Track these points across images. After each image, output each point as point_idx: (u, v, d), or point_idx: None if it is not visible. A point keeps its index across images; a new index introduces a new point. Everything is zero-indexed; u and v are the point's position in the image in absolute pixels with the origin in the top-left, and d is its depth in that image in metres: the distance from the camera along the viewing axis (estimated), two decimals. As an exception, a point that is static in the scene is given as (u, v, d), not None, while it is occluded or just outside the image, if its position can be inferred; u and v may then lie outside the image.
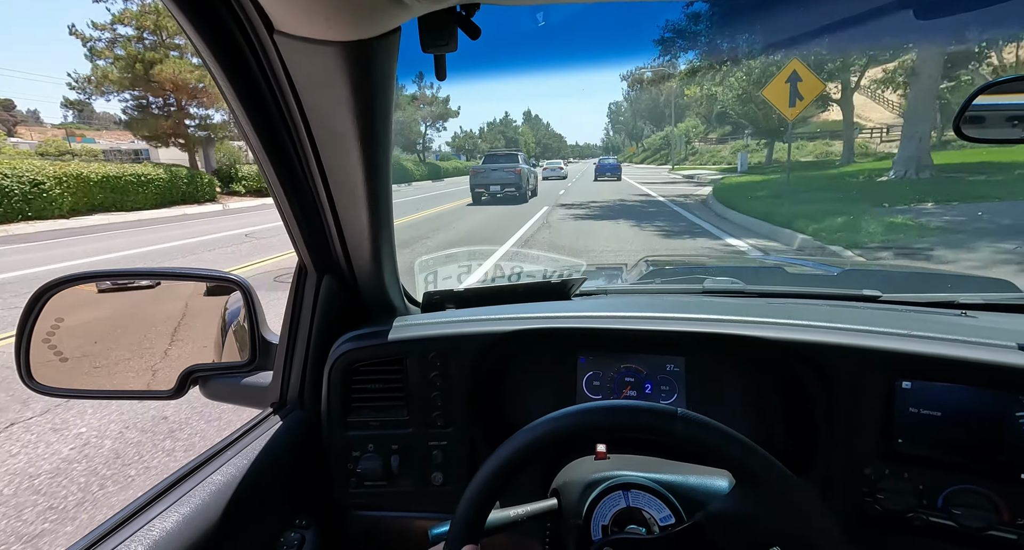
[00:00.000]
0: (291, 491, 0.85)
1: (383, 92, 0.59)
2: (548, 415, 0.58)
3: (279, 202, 0.77)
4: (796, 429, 0.86)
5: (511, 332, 0.91)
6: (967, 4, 0.65)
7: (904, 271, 2.22)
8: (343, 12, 0.44)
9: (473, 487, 0.56)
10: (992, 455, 0.72)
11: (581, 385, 0.96)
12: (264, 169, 0.72)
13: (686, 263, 2.12)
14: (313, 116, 0.63)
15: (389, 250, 0.90)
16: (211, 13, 0.53)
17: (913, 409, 0.76)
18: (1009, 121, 0.76)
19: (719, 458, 0.55)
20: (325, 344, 0.93)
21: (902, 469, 0.76)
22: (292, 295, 0.93)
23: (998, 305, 1.02)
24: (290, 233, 0.84)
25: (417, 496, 0.92)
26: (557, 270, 1.46)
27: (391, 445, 0.92)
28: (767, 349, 0.85)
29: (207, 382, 0.98)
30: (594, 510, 0.71)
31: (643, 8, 14.03)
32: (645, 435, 0.56)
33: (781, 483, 0.52)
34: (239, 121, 0.64)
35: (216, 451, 0.78)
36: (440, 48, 0.64)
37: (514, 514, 0.68)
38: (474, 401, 0.93)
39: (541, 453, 0.56)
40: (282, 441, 0.85)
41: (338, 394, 0.91)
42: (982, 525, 0.71)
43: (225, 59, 0.56)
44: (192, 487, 0.69)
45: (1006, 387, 0.71)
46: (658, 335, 0.91)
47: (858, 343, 0.79)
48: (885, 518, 0.77)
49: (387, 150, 0.69)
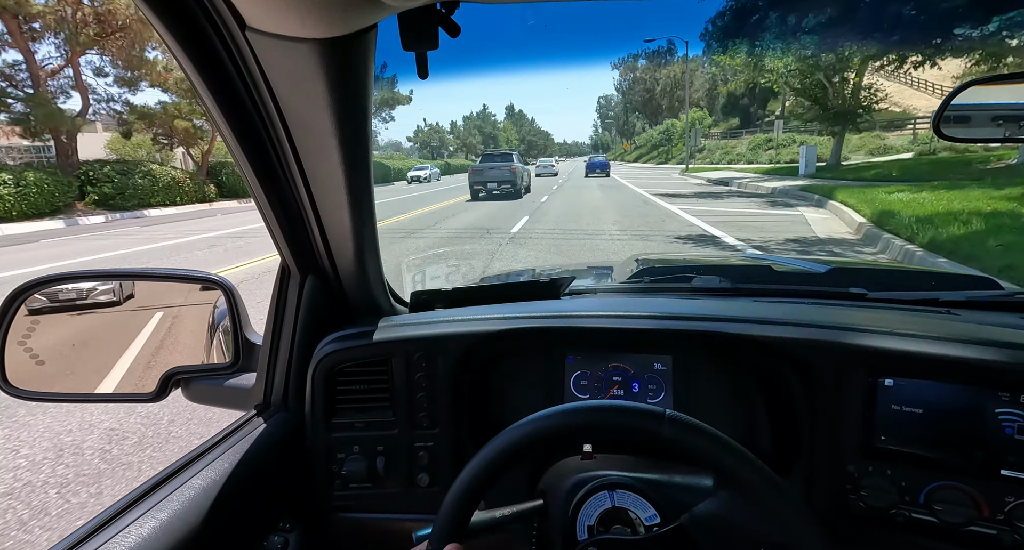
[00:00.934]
0: (274, 494, 0.84)
1: (361, 90, 0.58)
2: (533, 415, 0.57)
3: (260, 203, 0.76)
4: (781, 427, 0.86)
5: (497, 332, 0.91)
6: None
7: (890, 269, 2.23)
8: (316, 9, 0.43)
9: (457, 486, 0.56)
10: (972, 451, 0.72)
11: (569, 384, 0.96)
12: (243, 169, 0.71)
13: (676, 262, 2.12)
14: (291, 115, 0.62)
15: (372, 249, 0.89)
16: (180, 10, 0.51)
17: (896, 407, 0.76)
18: (994, 120, 0.76)
19: (704, 461, 0.55)
20: (309, 345, 0.92)
21: (885, 466, 0.77)
22: (275, 296, 0.92)
23: (980, 302, 1.03)
24: (272, 234, 0.83)
25: (403, 498, 0.91)
26: (546, 269, 1.46)
27: (376, 447, 0.91)
28: (752, 348, 0.85)
29: (189, 384, 0.96)
30: (580, 510, 0.71)
31: (634, 4, 13.34)
32: (631, 436, 0.55)
33: (765, 486, 0.52)
34: (216, 121, 0.63)
35: (197, 454, 0.77)
36: (421, 46, 0.63)
37: (500, 515, 0.67)
38: (460, 402, 0.92)
39: (526, 453, 0.55)
40: (265, 443, 0.84)
41: (322, 395, 0.90)
42: (963, 521, 0.72)
43: (197, 57, 0.55)
44: (171, 491, 0.68)
45: (986, 384, 0.72)
46: (645, 334, 0.91)
47: (841, 341, 0.79)
48: (868, 515, 0.78)
49: (367, 149, 0.68)
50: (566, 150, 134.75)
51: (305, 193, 0.75)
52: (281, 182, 0.74)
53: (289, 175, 0.73)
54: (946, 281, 1.55)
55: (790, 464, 0.83)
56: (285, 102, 0.60)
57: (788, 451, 0.84)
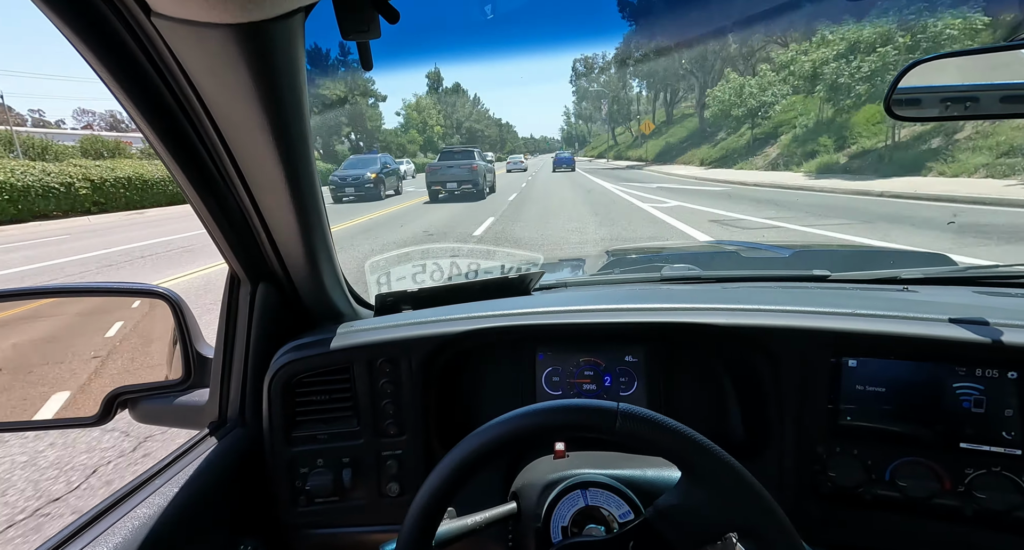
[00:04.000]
0: (233, 515, 0.80)
1: (290, 80, 0.54)
2: (486, 424, 0.55)
3: (197, 208, 0.71)
4: (752, 412, 0.87)
5: (463, 332, 0.88)
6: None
7: (850, 250, 2.31)
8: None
9: (417, 503, 0.54)
10: (933, 426, 0.74)
11: (540, 381, 0.94)
12: (174, 172, 0.65)
13: (646, 251, 2.14)
14: (217, 110, 0.57)
15: (326, 252, 0.85)
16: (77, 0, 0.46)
17: (859, 386, 0.77)
18: (942, 102, 0.78)
19: (662, 451, 0.54)
20: (265, 356, 0.87)
21: (851, 446, 0.78)
22: (225, 307, 0.86)
23: (935, 278, 1.06)
24: (215, 241, 0.77)
25: (372, 509, 0.88)
26: (516, 264, 1.43)
27: (342, 458, 0.87)
28: (720, 336, 0.85)
29: (136, 404, 0.90)
30: (553, 511, 0.69)
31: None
32: (586, 434, 0.54)
33: (724, 471, 0.52)
34: (136, 122, 0.58)
35: (144, 480, 0.71)
36: (361, 34, 0.59)
37: (472, 522, 0.65)
38: (428, 406, 0.89)
39: (484, 464, 0.54)
40: (221, 462, 0.79)
41: (280, 408, 0.86)
42: (926, 494, 0.74)
43: (102, 50, 0.50)
44: (114, 522, 0.62)
45: (942, 359, 0.73)
46: (615, 327, 0.89)
47: (804, 324, 0.80)
48: (837, 494, 0.79)
49: (306, 144, 0.64)
50: (533, 146, 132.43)
51: (246, 195, 0.70)
52: (218, 184, 0.69)
53: (226, 176, 0.68)
54: (902, 258, 1.60)
55: (761, 448, 0.83)
56: (207, 95, 0.55)
57: (759, 435, 0.84)
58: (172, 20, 0.44)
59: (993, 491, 0.71)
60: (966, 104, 0.77)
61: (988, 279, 1.04)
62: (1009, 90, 0.75)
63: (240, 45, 0.46)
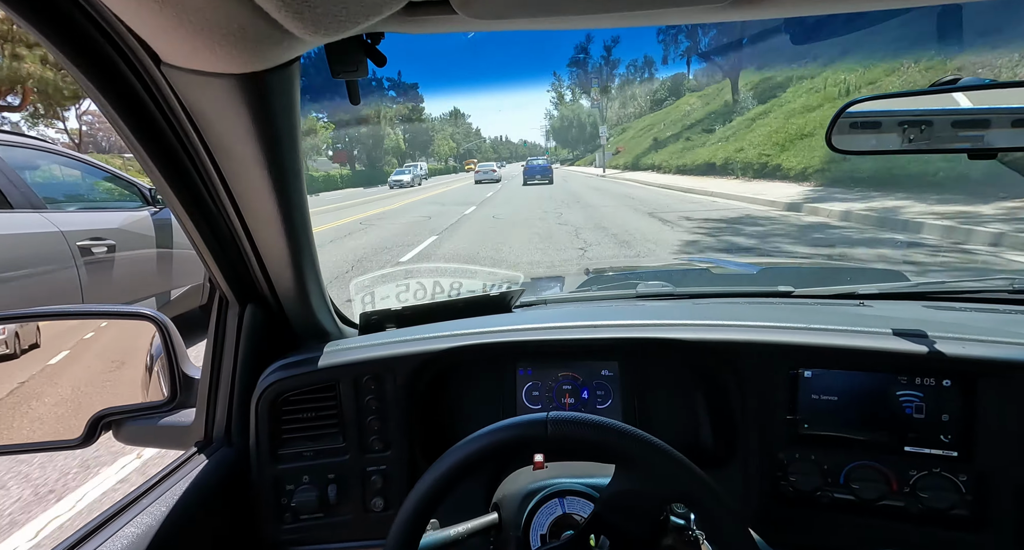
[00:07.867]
0: (219, 534, 0.81)
1: (286, 121, 0.59)
2: (443, 455, 0.59)
3: (190, 233, 0.74)
4: (720, 422, 0.92)
5: (446, 350, 0.92)
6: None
7: (813, 267, 2.44)
8: (229, 46, 0.43)
9: (396, 525, 0.57)
10: (881, 432, 0.80)
11: (521, 396, 0.98)
12: (170, 202, 0.69)
13: (623, 269, 2.23)
14: (216, 147, 0.61)
15: (314, 274, 0.88)
16: (93, 48, 0.50)
17: (815, 396, 0.83)
18: (886, 131, 0.85)
19: (593, 448, 0.58)
20: (252, 376, 0.89)
21: (809, 452, 0.83)
22: (213, 328, 0.89)
23: (889, 294, 1.14)
24: (206, 264, 0.80)
25: (357, 525, 0.89)
26: (497, 283, 1.48)
27: (327, 474, 0.89)
28: (689, 350, 0.90)
29: (121, 426, 0.91)
30: (532, 520, 0.72)
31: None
32: (527, 447, 0.58)
33: (648, 452, 0.57)
34: (138, 155, 0.61)
35: (130, 500, 0.72)
36: (350, 74, 0.64)
37: (454, 533, 0.68)
38: (412, 422, 0.92)
39: (447, 493, 0.58)
40: (207, 482, 0.80)
41: (267, 427, 0.87)
42: (877, 496, 0.79)
43: (113, 93, 0.54)
44: (100, 543, 0.63)
45: (886, 369, 0.80)
46: (592, 343, 0.94)
47: (766, 339, 0.86)
48: (798, 497, 0.84)
49: (298, 175, 0.68)
50: (512, 150, 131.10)
51: (238, 222, 0.74)
52: (212, 212, 0.72)
53: (220, 204, 0.71)
54: (860, 275, 1.71)
55: (729, 457, 0.88)
56: (208, 134, 0.59)
57: (727, 444, 0.89)
58: (180, 69, 0.49)
59: (934, 491, 0.77)
60: (909, 137, 0.85)
61: (936, 294, 1.12)
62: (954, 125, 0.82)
63: (242, 92, 0.50)
